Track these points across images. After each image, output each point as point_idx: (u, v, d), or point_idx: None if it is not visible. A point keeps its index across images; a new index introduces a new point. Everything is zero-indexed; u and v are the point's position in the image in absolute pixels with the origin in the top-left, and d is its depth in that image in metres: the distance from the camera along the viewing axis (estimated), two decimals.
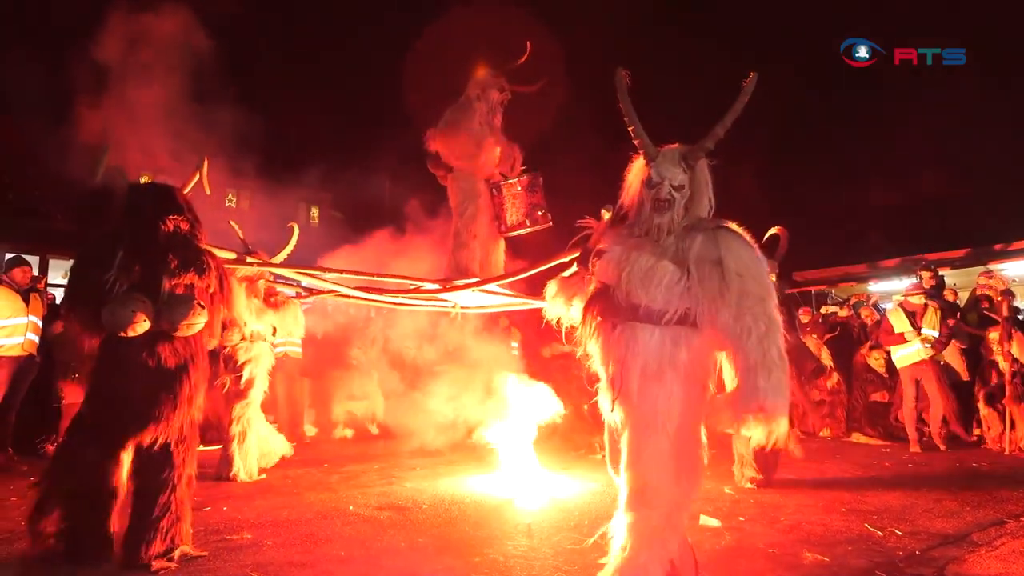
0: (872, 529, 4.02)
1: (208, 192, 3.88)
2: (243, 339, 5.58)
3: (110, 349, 3.28)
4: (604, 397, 2.67)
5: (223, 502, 4.64)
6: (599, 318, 2.66)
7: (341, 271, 5.52)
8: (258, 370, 5.67)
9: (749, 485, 5.08)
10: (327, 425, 8.22)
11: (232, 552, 3.54)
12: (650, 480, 2.48)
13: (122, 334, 3.15)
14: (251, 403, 5.61)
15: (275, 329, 5.85)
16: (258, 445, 5.65)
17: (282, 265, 5.45)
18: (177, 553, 3.26)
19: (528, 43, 5.51)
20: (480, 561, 3.39)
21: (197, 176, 3.90)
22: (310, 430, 8.17)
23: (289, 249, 6.03)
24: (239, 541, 3.73)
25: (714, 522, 4.14)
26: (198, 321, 3.25)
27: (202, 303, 3.28)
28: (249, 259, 5.07)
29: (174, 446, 3.30)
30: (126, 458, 3.26)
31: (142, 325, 3.14)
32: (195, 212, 3.53)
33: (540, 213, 5.27)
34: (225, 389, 5.55)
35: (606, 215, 3.16)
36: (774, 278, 4.93)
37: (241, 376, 5.54)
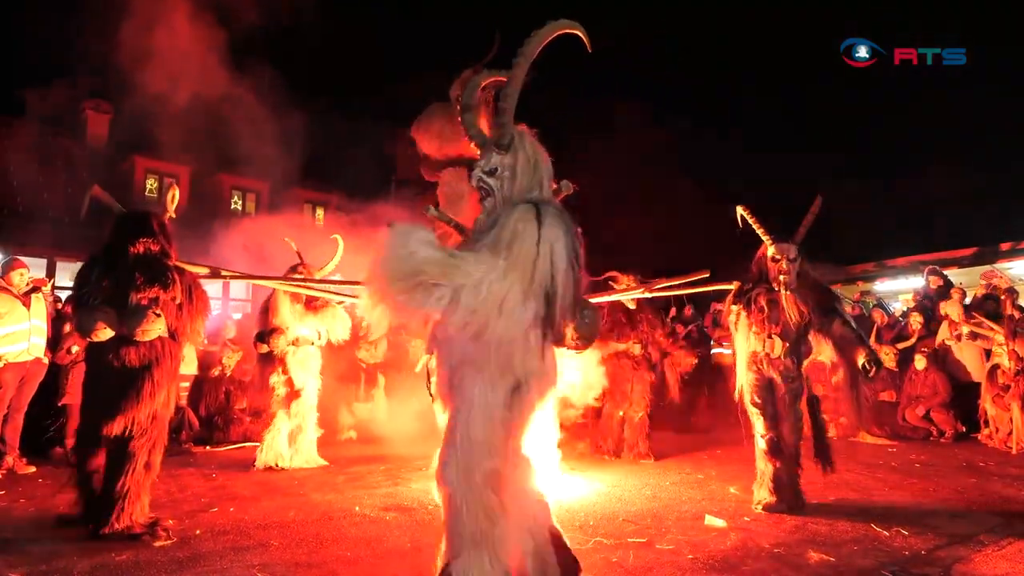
0: (878, 529, 4.01)
1: (172, 217, 4.18)
2: (290, 344, 5.93)
3: (90, 351, 3.95)
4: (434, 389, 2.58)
5: (229, 503, 4.66)
6: None
7: (306, 278, 5.77)
8: (305, 373, 6.04)
9: (759, 508, 4.48)
10: (333, 426, 8.22)
11: (238, 552, 3.56)
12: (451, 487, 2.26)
13: (89, 339, 3.71)
14: (300, 403, 6.05)
15: (320, 333, 6.13)
16: (303, 447, 6.11)
17: (243, 276, 5.57)
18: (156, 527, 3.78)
19: (497, 33, 5.31)
20: None
21: (170, 206, 4.24)
22: (316, 431, 8.17)
23: (336, 261, 6.19)
24: (245, 541, 3.76)
25: (720, 522, 4.14)
26: (153, 328, 3.74)
27: (158, 312, 3.77)
28: (294, 272, 5.86)
29: (136, 436, 3.76)
30: (104, 444, 3.77)
31: (104, 332, 3.65)
32: (168, 234, 4.00)
33: None
34: (276, 391, 5.98)
35: (430, 213, 3.10)
36: (784, 261, 4.45)
37: (290, 378, 5.98)
